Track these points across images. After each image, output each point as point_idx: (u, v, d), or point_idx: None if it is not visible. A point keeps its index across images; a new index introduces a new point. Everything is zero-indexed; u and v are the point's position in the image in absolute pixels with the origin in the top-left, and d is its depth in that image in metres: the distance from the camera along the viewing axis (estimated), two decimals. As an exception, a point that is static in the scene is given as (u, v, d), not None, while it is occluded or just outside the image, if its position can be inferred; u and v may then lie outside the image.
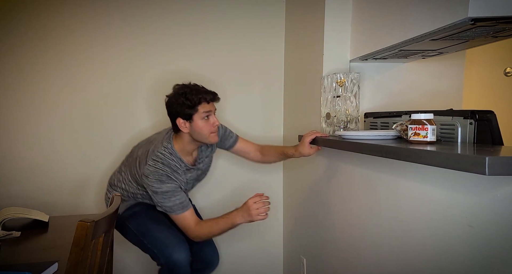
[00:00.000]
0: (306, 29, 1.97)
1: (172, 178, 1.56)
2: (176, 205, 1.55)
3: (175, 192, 1.55)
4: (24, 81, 2.05)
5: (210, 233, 1.57)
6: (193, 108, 1.53)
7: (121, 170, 1.76)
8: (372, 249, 1.37)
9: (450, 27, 1.04)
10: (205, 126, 1.56)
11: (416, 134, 1.08)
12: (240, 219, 1.51)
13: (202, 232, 1.57)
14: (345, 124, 1.58)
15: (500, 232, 0.84)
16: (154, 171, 1.54)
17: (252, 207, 1.48)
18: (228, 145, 1.82)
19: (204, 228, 1.57)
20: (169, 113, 1.60)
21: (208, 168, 1.82)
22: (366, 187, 1.41)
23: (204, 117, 1.55)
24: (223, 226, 1.54)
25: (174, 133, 1.65)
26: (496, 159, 0.73)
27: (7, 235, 1.44)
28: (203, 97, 1.54)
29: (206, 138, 1.58)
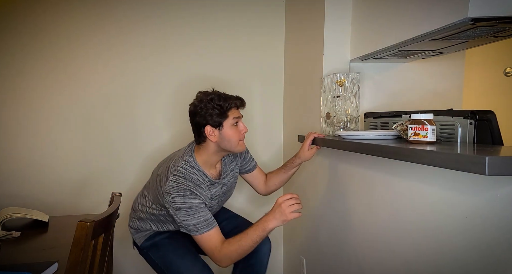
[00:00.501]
0: (306, 29, 1.97)
1: (195, 192, 1.43)
2: (201, 222, 1.40)
3: (199, 208, 1.41)
4: (24, 81, 2.05)
5: (240, 248, 1.37)
6: (224, 115, 1.44)
7: (144, 194, 1.66)
8: (372, 249, 1.37)
9: (450, 27, 1.04)
10: (234, 133, 1.47)
11: (416, 134, 1.08)
12: (273, 222, 1.34)
13: (230, 249, 1.37)
14: (345, 124, 1.58)
15: (500, 232, 0.84)
16: (175, 186, 1.41)
17: (285, 204, 1.33)
18: (247, 168, 1.72)
19: (232, 243, 1.38)
20: (195, 123, 1.49)
21: (233, 184, 1.69)
22: (366, 187, 1.41)
23: (234, 123, 1.47)
24: (253, 235, 1.36)
25: (197, 145, 1.54)
26: (496, 159, 0.73)
27: (7, 235, 1.44)
28: (234, 102, 1.46)
29: (235, 146, 1.49)
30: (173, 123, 2.24)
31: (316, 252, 1.89)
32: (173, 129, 2.24)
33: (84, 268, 1.08)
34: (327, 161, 1.75)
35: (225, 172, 1.61)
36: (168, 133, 2.24)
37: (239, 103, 1.49)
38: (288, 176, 1.72)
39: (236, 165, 1.68)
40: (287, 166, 1.70)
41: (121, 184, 2.16)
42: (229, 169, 1.64)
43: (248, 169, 1.72)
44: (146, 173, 2.21)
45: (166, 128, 2.23)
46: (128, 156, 2.19)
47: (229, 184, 1.64)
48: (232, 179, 1.66)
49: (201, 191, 1.46)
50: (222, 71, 2.26)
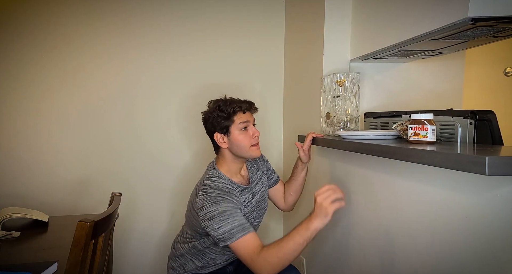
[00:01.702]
0: (306, 29, 1.97)
1: (227, 198, 1.36)
2: (236, 227, 1.29)
3: (233, 213, 1.32)
4: (25, 81, 2.05)
5: (280, 250, 1.23)
6: (229, 120, 1.42)
7: (182, 230, 1.61)
8: (372, 249, 1.37)
9: (450, 27, 1.04)
10: (244, 138, 1.43)
11: (416, 134, 1.08)
12: (316, 220, 1.21)
13: (269, 251, 1.24)
14: (345, 124, 1.58)
15: (500, 232, 0.84)
16: (205, 198, 1.35)
17: (321, 197, 1.21)
18: (273, 179, 1.67)
19: (272, 246, 1.24)
20: (207, 131, 1.49)
21: (265, 194, 1.61)
22: (366, 187, 1.41)
23: (242, 128, 1.43)
24: (295, 235, 1.22)
25: (217, 155, 1.53)
26: (496, 159, 0.73)
27: (7, 235, 1.44)
28: (238, 106, 1.42)
29: (246, 151, 1.44)
30: (173, 123, 2.24)
31: (316, 252, 1.89)
32: (173, 129, 2.24)
33: (84, 268, 1.08)
34: (327, 161, 1.75)
35: (253, 180, 1.56)
36: (168, 133, 2.24)
37: (245, 107, 1.44)
38: (299, 182, 1.64)
39: (263, 174, 1.63)
40: (294, 172, 1.65)
41: (121, 184, 2.16)
42: (257, 177, 1.59)
43: (274, 181, 1.67)
44: (146, 173, 2.22)
45: (166, 128, 2.23)
46: (128, 156, 2.19)
47: (260, 192, 1.57)
48: (263, 188, 1.60)
49: (234, 197, 1.39)
50: (222, 71, 2.26)
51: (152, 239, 2.26)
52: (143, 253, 2.25)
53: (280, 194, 1.69)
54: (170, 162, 2.24)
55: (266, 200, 1.62)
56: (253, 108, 1.48)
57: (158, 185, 2.24)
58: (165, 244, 2.27)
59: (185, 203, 2.37)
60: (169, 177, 2.25)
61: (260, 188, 1.57)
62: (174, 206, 2.26)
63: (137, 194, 2.21)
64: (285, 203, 1.70)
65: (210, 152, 2.34)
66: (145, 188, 2.22)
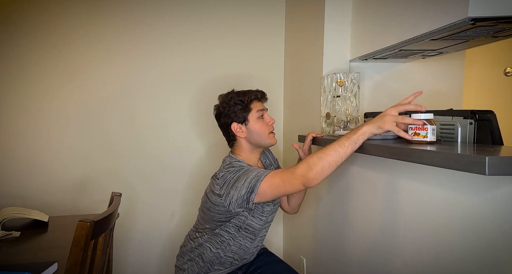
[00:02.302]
0: (306, 29, 1.97)
1: (253, 167, 1.38)
2: (261, 171, 1.31)
3: (259, 169, 1.34)
4: (25, 81, 2.05)
5: (322, 153, 1.16)
6: (246, 108, 1.45)
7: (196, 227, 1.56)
8: (372, 248, 1.37)
9: (450, 27, 1.04)
10: (262, 126, 1.46)
11: (416, 134, 1.06)
12: (369, 126, 1.12)
13: (311, 156, 1.18)
14: (345, 124, 1.58)
15: (500, 232, 0.84)
16: (227, 172, 1.37)
17: (390, 111, 1.11)
18: None
19: (312, 154, 1.19)
20: (222, 124, 1.50)
21: None
22: (366, 187, 1.41)
23: (259, 116, 1.47)
24: (341, 139, 1.16)
25: (231, 149, 1.54)
26: (496, 159, 0.73)
27: (7, 235, 1.44)
28: (254, 94, 1.47)
29: (265, 138, 1.46)
30: (173, 123, 2.24)
31: (316, 252, 1.89)
32: (174, 129, 2.24)
33: (84, 268, 1.08)
34: (327, 161, 1.74)
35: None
36: (169, 133, 2.24)
37: (260, 95, 1.50)
38: None
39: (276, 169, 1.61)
40: None
41: (121, 184, 2.16)
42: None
43: None
44: (146, 173, 2.22)
45: (166, 128, 2.23)
46: (128, 155, 2.19)
47: None
48: None
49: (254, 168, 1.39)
50: (222, 71, 2.26)
51: (152, 239, 2.26)
52: (143, 253, 2.25)
53: (285, 196, 1.69)
54: (170, 162, 2.24)
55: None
56: (265, 97, 1.53)
57: (158, 185, 2.24)
58: (165, 244, 2.27)
59: (185, 203, 2.38)
60: (169, 177, 2.25)
61: None
62: (174, 206, 2.26)
63: (138, 194, 2.21)
64: (289, 205, 1.70)
65: (210, 152, 2.35)
66: (145, 188, 2.22)
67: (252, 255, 1.59)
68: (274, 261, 1.61)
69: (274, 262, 1.61)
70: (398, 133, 1.07)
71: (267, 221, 1.54)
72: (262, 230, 1.54)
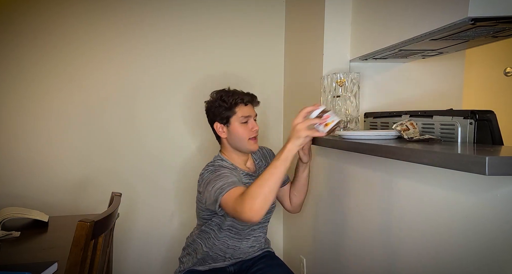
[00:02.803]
0: (306, 29, 1.97)
1: (229, 169, 1.40)
2: (228, 182, 1.29)
3: (230, 175, 1.34)
4: (25, 81, 2.05)
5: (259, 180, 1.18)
6: (230, 110, 1.44)
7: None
8: (372, 249, 1.37)
9: (450, 27, 1.04)
10: (243, 130, 1.44)
11: (326, 125, 1.16)
12: (290, 143, 1.19)
13: (251, 186, 1.19)
14: (345, 124, 1.58)
15: (500, 232, 0.84)
16: (206, 170, 1.41)
17: (295, 121, 1.18)
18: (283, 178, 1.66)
19: (252, 185, 1.20)
20: (208, 120, 1.52)
21: None
22: (366, 187, 1.41)
23: (243, 121, 1.44)
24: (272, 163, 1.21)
25: (220, 146, 1.57)
26: (496, 159, 0.72)
27: (7, 235, 1.44)
28: (240, 98, 1.44)
29: (244, 144, 1.46)
30: (173, 123, 2.24)
31: (316, 252, 1.89)
32: (173, 129, 2.24)
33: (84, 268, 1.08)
34: (327, 161, 1.75)
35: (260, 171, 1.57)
36: (169, 133, 2.24)
37: (247, 99, 1.46)
38: (302, 183, 1.62)
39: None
40: (296, 173, 1.64)
41: (121, 184, 2.16)
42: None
43: (283, 181, 1.61)
44: (146, 173, 2.22)
45: (166, 128, 2.24)
46: (128, 155, 2.19)
47: None
48: None
49: (235, 173, 1.40)
50: (222, 71, 2.26)
51: (152, 239, 2.26)
52: (143, 253, 2.25)
53: (287, 195, 1.68)
54: (170, 161, 2.24)
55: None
56: (255, 101, 1.49)
57: (158, 185, 2.24)
58: (165, 244, 2.27)
59: (186, 203, 2.38)
60: (169, 177, 2.25)
61: None
62: (174, 206, 2.26)
63: (137, 194, 2.21)
64: (291, 203, 1.69)
65: (211, 151, 2.34)
66: (145, 188, 2.22)
67: (248, 255, 1.58)
68: (277, 264, 1.60)
69: (277, 265, 1.60)
70: (314, 135, 1.18)
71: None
72: (248, 231, 1.53)
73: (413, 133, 1.19)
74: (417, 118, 1.26)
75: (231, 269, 1.57)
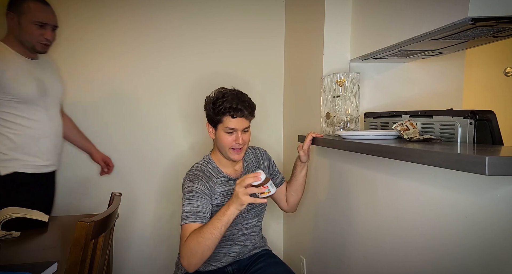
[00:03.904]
0: (306, 29, 1.97)
1: (203, 181, 1.42)
2: (193, 211, 1.34)
3: (199, 197, 1.37)
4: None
5: (199, 236, 1.25)
6: (218, 117, 1.41)
7: None
8: (372, 249, 1.37)
9: (450, 27, 1.04)
10: (226, 139, 1.43)
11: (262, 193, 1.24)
12: (233, 207, 1.24)
13: (192, 238, 1.26)
14: (345, 124, 1.58)
15: (500, 232, 0.84)
16: (187, 174, 1.46)
17: (238, 186, 1.23)
18: (276, 181, 1.66)
19: (194, 233, 1.27)
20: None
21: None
22: (366, 187, 1.41)
23: (227, 131, 1.42)
24: (214, 220, 1.25)
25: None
26: (496, 159, 0.73)
27: (7, 235, 1.43)
28: (229, 109, 1.38)
29: (225, 152, 1.45)
30: (174, 122, 2.24)
31: (316, 252, 1.89)
32: (174, 128, 2.24)
33: (84, 268, 1.08)
34: (327, 161, 1.75)
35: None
36: (169, 133, 2.24)
37: (237, 114, 1.39)
38: (299, 182, 1.62)
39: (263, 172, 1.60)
40: (294, 172, 1.64)
41: (121, 184, 2.16)
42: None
43: (278, 182, 1.65)
44: (146, 173, 2.22)
45: (166, 129, 2.24)
46: (128, 155, 2.19)
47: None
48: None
49: (211, 183, 1.44)
50: (221, 71, 2.26)
51: (152, 239, 2.26)
52: (143, 253, 2.25)
53: (282, 195, 1.67)
54: (170, 162, 2.24)
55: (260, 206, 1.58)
56: (245, 115, 1.41)
57: (158, 185, 2.24)
58: (165, 244, 2.27)
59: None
60: (169, 177, 2.25)
61: None
62: (174, 206, 2.26)
63: (137, 194, 2.21)
64: (287, 203, 1.68)
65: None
66: (145, 188, 2.22)
67: (244, 254, 1.57)
68: (276, 263, 1.59)
69: (276, 263, 1.59)
70: (256, 201, 1.24)
71: (242, 225, 1.52)
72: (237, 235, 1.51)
73: (413, 133, 1.19)
74: (417, 118, 1.27)
75: (229, 270, 1.56)
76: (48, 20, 1.62)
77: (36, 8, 1.59)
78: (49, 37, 1.63)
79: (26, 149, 1.63)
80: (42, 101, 1.67)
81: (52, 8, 1.65)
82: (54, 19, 1.66)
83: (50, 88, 1.72)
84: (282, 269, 1.56)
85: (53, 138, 1.72)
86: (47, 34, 1.62)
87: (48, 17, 1.63)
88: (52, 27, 1.65)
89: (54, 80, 1.78)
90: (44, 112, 1.68)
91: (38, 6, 1.60)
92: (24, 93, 1.60)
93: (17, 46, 1.64)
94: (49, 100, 1.71)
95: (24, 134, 1.62)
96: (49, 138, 1.70)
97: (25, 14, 1.58)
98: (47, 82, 1.71)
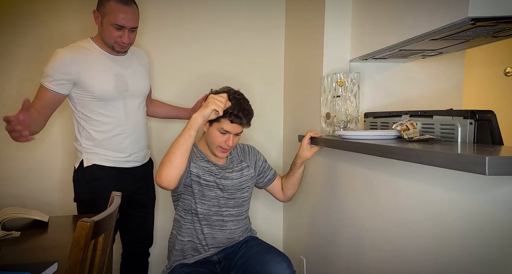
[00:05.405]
0: (306, 29, 1.97)
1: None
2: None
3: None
4: (23, 81, 2.05)
5: (168, 152, 1.38)
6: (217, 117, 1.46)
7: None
8: (372, 249, 1.37)
9: (450, 27, 1.04)
10: (217, 138, 1.52)
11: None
12: (197, 112, 1.38)
13: (162, 160, 1.39)
14: (345, 124, 1.58)
15: (500, 232, 0.84)
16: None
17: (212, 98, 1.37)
18: (267, 177, 1.76)
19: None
20: None
21: (244, 185, 1.65)
22: (366, 187, 1.41)
23: (221, 132, 1.51)
24: (178, 136, 1.39)
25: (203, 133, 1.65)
26: (496, 159, 0.73)
27: (7, 235, 1.43)
28: (228, 115, 1.47)
29: (213, 148, 1.55)
30: (173, 122, 2.23)
31: (316, 252, 1.89)
32: (173, 128, 2.24)
33: (84, 268, 1.08)
34: (327, 161, 1.75)
35: (231, 168, 1.64)
36: (168, 132, 2.24)
37: (236, 121, 1.49)
38: (296, 178, 1.73)
39: (248, 167, 1.68)
40: (292, 168, 1.73)
41: (121, 184, 2.15)
42: (236, 167, 1.65)
43: (269, 179, 1.76)
44: (146, 173, 2.21)
45: (165, 127, 2.23)
46: (128, 156, 2.19)
47: (236, 181, 1.63)
48: (242, 179, 1.65)
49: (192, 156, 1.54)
50: (221, 71, 2.26)
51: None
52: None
53: (278, 188, 1.78)
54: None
55: (246, 191, 1.67)
56: (243, 124, 1.52)
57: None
58: (164, 244, 2.26)
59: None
60: (169, 177, 2.25)
61: (237, 177, 1.63)
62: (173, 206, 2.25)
63: (137, 194, 2.20)
64: (283, 195, 1.78)
65: (210, 152, 2.30)
66: (145, 188, 2.21)
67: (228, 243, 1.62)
68: (258, 244, 1.67)
69: (258, 244, 1.67)
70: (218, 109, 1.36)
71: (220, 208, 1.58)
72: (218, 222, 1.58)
73: (413, 133, 1.19)
74: (417, 118, 1.27)
75: (215, 259, 1.62)
76: (124, 23, 1.56)
77: (115, 10, 1.54)
78: (125, 41, 1.60)
79: (105, 143, 1.66)
80: (121, 98, 1.67)
81: (133, 8, 1.59)
82: (132, 22, 1.59)
83: (132, 84, 1.70)
84: (264, 247, 1.63)
85: (130, 134, 1.71)
86: (124, 37, 1.59)
87: (126, 19, 1.56)
88: (130, 30, 1.60)
89: (138, 76, 1.75)
90: (122, 109, 1.68)
91: (118, 7, 1.54)
92: (101, 91, 1.61)
93: (102, 44, 1.65)
94: (129, 96, 1.70)
95: (103, 131, 1.65)
96: (125, 134, 1.70)
97: (106, 15, 1.55)
98: (129, 79, 1.69)
